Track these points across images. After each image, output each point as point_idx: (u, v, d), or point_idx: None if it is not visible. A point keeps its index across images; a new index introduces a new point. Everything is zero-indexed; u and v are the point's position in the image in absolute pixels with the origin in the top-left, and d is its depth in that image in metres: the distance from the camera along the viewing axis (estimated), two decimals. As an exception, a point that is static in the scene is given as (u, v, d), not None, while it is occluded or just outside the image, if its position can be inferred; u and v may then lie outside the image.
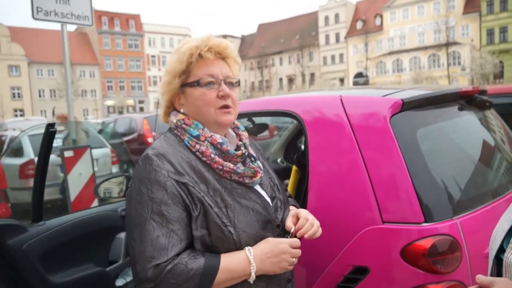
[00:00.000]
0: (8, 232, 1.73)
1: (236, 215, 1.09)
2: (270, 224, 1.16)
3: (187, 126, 1.15)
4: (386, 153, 1.45)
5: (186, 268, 1.01)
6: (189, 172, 1.09)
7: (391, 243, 1.38)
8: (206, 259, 1.04)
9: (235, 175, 1.14)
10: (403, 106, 1.51)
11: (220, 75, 1.16)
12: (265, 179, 1.25)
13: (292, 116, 1.81)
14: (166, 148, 1.11)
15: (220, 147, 1.14)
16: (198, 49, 1.14)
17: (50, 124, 1.74)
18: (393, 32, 50.54)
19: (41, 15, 4.62)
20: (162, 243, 1.01)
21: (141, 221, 1.03)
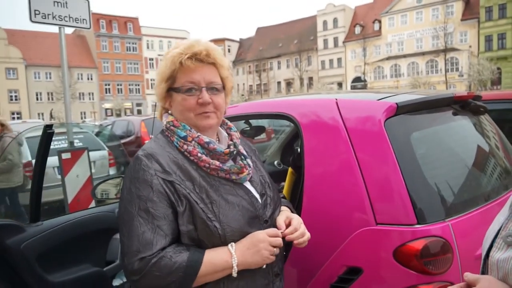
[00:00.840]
0: (6, 231, 1.75)
1: (221, 210, 1.14)
2: (257, 219, 1.20)
3: (175, 128, 1.22)
4: (380, 156, 1.47)
5: (170, 262, 1.06)
6: (176, 171, 1.15)
7: (384, 244, 1.40)
8: (190, 253, 1.09)
9: (222, 172, 1.19)
10: (397, 110, 1.53)
11: (202, 82, 1.21)
12: (255, 176, 1.30)
13: (288, 118, 1.83)
14: (155, 149, 1.18)
15: (207, 146, 1.20)
16: (180, 56, 1.19)
17: (48, 126, 1.76)
18: (391, 37, 50.79)
19: (39, 18, 4.63)
20: (147, 238, 1.07)
21: (129, 218, 1.10)
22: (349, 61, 54.66)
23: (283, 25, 67.35)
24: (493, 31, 42.00)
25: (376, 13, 52.92)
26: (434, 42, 46.09)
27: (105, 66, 59.63)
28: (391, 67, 50.28)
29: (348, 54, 54.80)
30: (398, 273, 1.36)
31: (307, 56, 58.39)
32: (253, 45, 69.87)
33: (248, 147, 1.40)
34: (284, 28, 65.98)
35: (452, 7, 45.06)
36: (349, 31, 55.51)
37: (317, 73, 58.34)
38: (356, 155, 1.51)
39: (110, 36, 59.94)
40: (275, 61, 64.29)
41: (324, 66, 58.18)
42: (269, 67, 64.36)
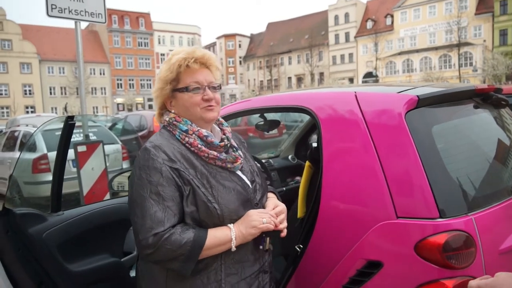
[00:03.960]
0: (29, 220, 1.78)
1: (219, 194, 1.31)
2: (249, 202, 1.39)
3: (177, 122, 1.39)
4: (401, 149, 1.46)
5: (179, 237, 1.23)
6: (180, 160, 1.32)
7: (405, 238, 1.39)
8: (196, 230, 1.27)
9: (219, 161, 1.37)
10: (418, 102, 1.52)
11: (205, 81, 1.41)
12: (245, 166, 1.48)
13: (306, 112, 1.82)
14: (161, 141, 1.35)
15: (205, 139, 1.37)
16: (185, 60, 1.38)
17: (70, 117, 1.78)
18: (404, 32, 50.13)
19: (56, 12, 4.68)
20: (159, 216, 1.24)
21: (141, 200, 1.26)
22: (360, 56, 54.15)
23: (294, 20, 66.94)
24: (508, 25, 41.14)
25: (388, 8, 52.24)
26: (447, 37, 45.36)
27: (117, 61, 60.00)
28: (403, 62, 49.65)
29: (359, 49, 54.27)
30: (419, 267, 1.35)
31: (318, 51, 57.97)
32: (264, 40, 69.62)
33: (238, 141, 1.58)
34: (295, 23, 65.59)
35: (465, 1, 44.20)
36: (360, 26, 54.94)
37: (328, 68, 57.94)
38: (376, 148, 1.50)
39: (122, 32, 60.24)
40: (286, 56, 63.99)
41: (335, 61, 57.73)
42: (280, 63, 64.07)
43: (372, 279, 1.44)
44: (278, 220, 1.38)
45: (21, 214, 1.82)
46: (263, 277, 1.43)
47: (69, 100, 46.46)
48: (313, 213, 1.64)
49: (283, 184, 3.23)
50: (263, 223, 1.32)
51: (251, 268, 1.38)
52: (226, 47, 72.55)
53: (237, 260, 1.35)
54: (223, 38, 72.75)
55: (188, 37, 68.31)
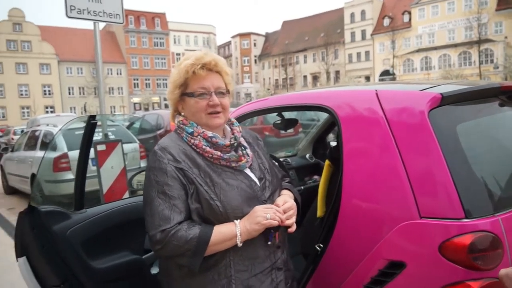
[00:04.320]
0: (54, 218, 1.81)
1: (222, 192, 1.35)
2: (256, 199, 1.41)
3: (184, 125, 1.45)
4: (424, 148, 1.43)
5: (185, 233, 1.28)
6: (185, 160, 1.37)
7: (429, 238, 1.36)
8: (202, 226, 1.32)
9: (223, 160, 1.41)
10: (442, 100, 1.48)
11: (211, 87, 1.44)
12: (255, 164, 1.51)
13: (325, 110, 1.81)
14: (168, 143, 1.41)
15: (211, 140, 1.42)
16: (193, 67, 1.41)
17: (92, 116, 1.81)
18: (422, 29, 49.34)
19: (74, 13, 4.75)
20: (166, 214, 1.30)
21: (150, 200, 1.33)
22: (377, 54, 53.54)
23: (309, 18, 66.62)
24: (530, 22, 40.16)
25: (405, 4, 51.50)
26: (467, 33, 44.49)
27: (133, 61, 60.74)
28: (421, 60, 48.90)
29: (376, 47, 53.66)
30: (444, 268, 1.32)
31: (334, 50, 57.55)
32: (279, 39, 69.46)
33: (252, 138, 1.62)
34: (310, 21, 65.25)
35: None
36: (377, 23, 54.31)
37: (344, 66, 57.48)
38: (398, 147, 1.47)
39: (138, 32, 60.94)
40: (301, 55, 63.73)
41: (351, 59, 57.23)
42: (295, 61, 63.85)
43: (395, 280, 1.42)
44: (285, 216, 1.38)
45: (46, 212, 1.86)
46: (277, 274, 1.43)
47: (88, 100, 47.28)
48: (333, 212, 1.62)
49: (301, 183, 3.22)
50: (266, 218, 1.33)
51: (261, 265, 1.39)
52: (241, 46, 72.68)
53: (246, 256, 1.37)
54: (238, 37, 72.86)
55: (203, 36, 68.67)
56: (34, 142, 8.29)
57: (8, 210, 7.80)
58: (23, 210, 1.87)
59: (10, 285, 3.68)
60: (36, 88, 53.68)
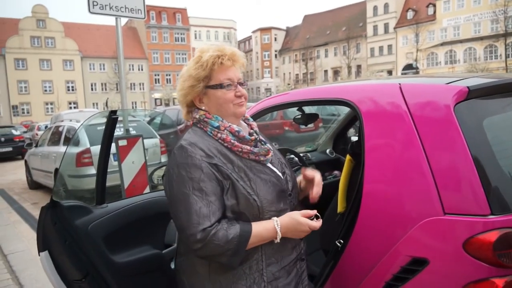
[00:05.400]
0: (76, 213, 1.84)
1: (257, 186, 1.35)
2: (284, 193, 1.43)
3: (208, 119, 1.42)
4: (449, 143, 1.39)
5: (226, 233, 1.26)
6: (217, 155, 1.35)
7: (453, 235, 1.33)
8: (241, 226, 1.30)
9: (252, 154, 1.40)
10: (468, 94, 1.44)
11: (235, 78, 1.44)
12: (274, 159, 1.52)
13: (346, 104, 1.78)
14: (195, 138, 1.37)
15: (237, 134, 1.41)
16: (219, 58, 1.41)
17: (113, 111, 1.83)
18: (447, 22, 48.09)
19: (97, 8, 4.82)
20: (204, 212, 1.26)
21: (185, 197, 1.28)
22: (400, 48, 52.52)
23: (331, 12, 65.87)
24: (560, 13, 38.60)
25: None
26: (493, 26, 43.15)
27: (154, 57, 61.43)
28: (445, 53, 47.72)
29: (399, 40, 52.64)
30: (468, 265, 1.29)
31: (356, 44, 56.81)
32: (300, 33, 68.99)
33: (263, 135, 1.60)
34: (332, 15, 64.52)
35: (514, -11, 41.82)
36: (400, 16, 53.23)
37: (366, 60, 56.65)
38: (422, 142, 1.44)
39: (160, 27, 61.52)
40: (322, 49, 63.14)
41: (373, 53, 56.34)
42: (316, 56, 63.32)
43: (417, 276, 1.39)
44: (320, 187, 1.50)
45: (68, 207, 1.89)
46: (301, 265, 1.49)
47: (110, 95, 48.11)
48: (354, 208, 1.60)
49: (321, 178, 3.19)
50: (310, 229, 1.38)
51: (289, 257, 1.44)
52: (261, 41, 72.54)
53: (276, 249, 1.39)
54: (258, 32, 72.75)
55: (224, 31, 68.82)
56: (58, 138, 8.48)
57: (32, 205, 8.02)
58: (45, 204, 1.91)
59: (33, 278, 3.79)
60: (59, 84, 54.92)
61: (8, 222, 6.29)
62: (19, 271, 3.99)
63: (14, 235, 5.42)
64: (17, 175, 12.04)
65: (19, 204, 8.16)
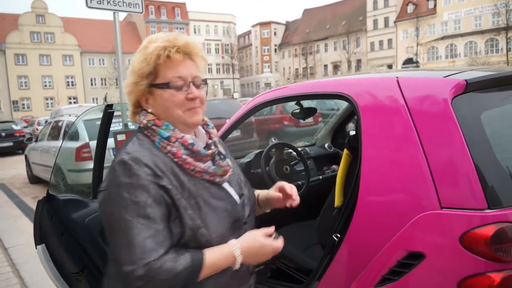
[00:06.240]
0: (72, 206, 1.84)
1: (208, 217, 1.13)
2: (238, 222, 1.23)
3: (157, 127, 1.16)
4: (447, 137, 1.38)
5: (174, 264, 1.05)
6: (167, 174, 1.10)
7: (449, 229, 1.32)
8: (192, 255, 1.09)
9: (206, 174, 1.17)
10: (466, 87, 1.43)
11: (189, 76, 1.16)
12: (232, 176, 1.29)
13: (344, 98, 1.77)
14: (141, 152, 1.11)
15: (191, 148, 1.16)
16: (166, 50, 1.13)
17: (109, 105, 1.82)
18: (447, 15, 47.89)
19: (94, 3, 4.81)
20: (149, 245, 1.04)
21: (127, 225, 1.04)
22: (400, 42, 52.35)
23: (331, 6, 65.61)
24: (562, 6, 38.45)
25: (430, -10, 50.04)
26: (494, 20, 42.97)
27: (154, 52, 61.19)
28: (446, 47, 47.57)
29: (399, 34, 52.46)
30: (465, 259, 1.29)
31: (356, 38, 56.63)
32: (299, 27, 68.78)
33: (222, 144, 1.36)
34: (331, 9, 64.28)
35: (515, -19, 41.64)
36: (401, 10, 53.02)
37: (366, 55, 56.50)
38: (419, 136, 1.43)
39: (159, 22, 61.35)
40: (322, 43, 62.96)
41: (373, 47, 56.17)
42: (316, 50, 63.17)
43: (414, 270, 1.39)
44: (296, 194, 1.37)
45: (65, 200, 1.89)
46: None
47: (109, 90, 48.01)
48: (351, 202, 1.60)
49: (319, 172, 3.19)
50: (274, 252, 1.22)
51: None
52: (261, 35, 72.33)
53: (219, 285, 1.19)
54: (258, 26, 72.51)
55: (223, 26, 68.60)
56: (58, 132, 8.50)
57: (32, 199, 8.06)
58: (41, 198, 1.91)
59: (33, 272, 3.80)
60: (59, 79, 54.89)
61: (8, 216, 6.31)
62: (20, 264, 4.01)
63: (14, 229, 5.44)
64: (18, 170, 12.08)
65: (19, 198, 8.20)
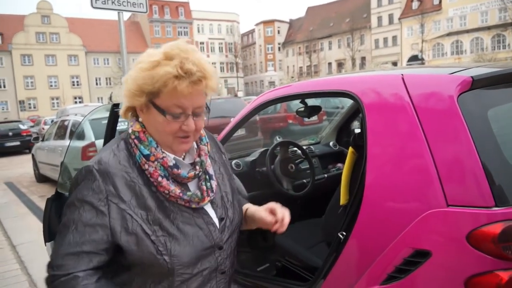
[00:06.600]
0: None
1: (173, 246, 1.07)
2: (211, 249, 1.15)
3: (139, 142, 1.11)
4: (453, 134, 1.38)
5: (77, 285, 1.02)
6: (131, 198, 1.06)
7: (456, 227, 1.32)
8: (97, 285, 1.04)
9: (181, 200, 1.12)
10: (472, 84, 1.42)
11: (190, 108, 1.08)
12: (217, 197, 1.22)
13: (349, 96, 1.76)
14: (112, 167, 1.07)
15: (170, 171, 1.11)
16: (176, 80, 1.02)
17: (115, 105, 1.83)
18: (453, 11, 47.54)
19: (99, 3, 4.83)
20: (70, 259, 1.03)
21: (65, 232, 1.05)
22: (405, 39, 52.08)
23: (334, 4, 65.38)
24: None
25: (435, -14, 49.73)
26: (501, 15, 42.61)
27: (158, 51, 61.37)
28: (452, 44, 47.25)
29: (404, 31, 52.17)
30: (471, 257, 1.28)
31: (360, 35, 56.39)
32: (303, 25, 68.61)
33: (215, 148, 1.33)
34: (335, 7, 64.06)
35: (522, -24, 41.24)
36: (405, 7, 52.72)
37: (371, 52, 56.28)
38: (424, 134, 1.43)
39: (163, 21, 61.47)
40: (326, 41, 62.78)
41: (378, 45, 55.93)
42: (320, 48, 63.01)
43: (420, 268, 1.38)
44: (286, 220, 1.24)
45: None
46: None
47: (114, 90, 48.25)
48: (357, 200, 1.59)
49: (324, 171, 3.19)
50: None
51: None
52: (265, 34, 72.23)
53: None
54: (261, 25, 72.42)
55: (226, 24, 68.59)
56: (64, 132, 8.55)
57: (39, 198, 8.14)
58: (50, 196, 1.93)
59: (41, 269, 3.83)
60: (65, 79, 55.23)
61: (17, 214, 6.37)
62: (28, 262, 4.04)
63: (22, 227, 5.49)
64: (25, 169, 12.20)
65: (27, 197, 8.29)
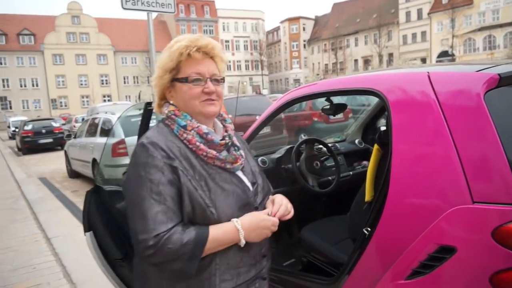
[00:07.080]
0: (117, 197, 1.97)
1: (217, 197, 1.25)
2: (249, 206, 1.32)
3: (176, 117, 1.30)
4: (479, 131, 1.38)
5: (180, 236, 1.17)
6: (179, 157, 1.24)
7: (481, 223, 1.33)
8: (197, 229, 1.20)
9: (218, 161, 1.30)
10: (500, 81, 1.42)
11: (207, 73, 1.31)
12: (247, 167, 1.42)
13: (374, 94, 1.78)
14: (158, 137, 1.26)
15: (205, 137, 1.29)
16: (187, 48, 1.28)
17: (148, 103, 1.91)
18: (485, 5, 45.95)
19: (129, 4, 4.97)
20: (160, 218, 1.17)
21: (141, 199, 1.19)
22: (434, 34, 50.73)
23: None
24: None
25: (466, -20, 48.18)
26: (536, 9, 40.95)
27: (184, 50, 62.10)
28: (484, 39, 45.70)
29: (433, 26, 50.82)
30: (497, 253, 1.29)
31: (387, 31, 55.32)
32: (329, 22, 67.87)
33: (240, 140, 1.51)
34: (362, 2, 62.99)
35: (560, -33, 39.49)
36: (435, 1, 51.33)
37: (398, 48, 55.12)
38: (450, 131, 1.44)
39: (189, 20, 62.13)
40: (352, 37, 61.90)
41: (406, 41, 54.72)
42: (346, 45, 62.20)
43: (445, 264, 1.40)
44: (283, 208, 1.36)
45: (110, 191, 2.01)
46: (260, 284, 1.39)
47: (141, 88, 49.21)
48: (382, 196, 1.62)
49: (349, 168, 3.20)
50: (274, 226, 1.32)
51: (247, 274, 1.33)
52: (290, 31, 71.90)
53: (232, 265, 1.29)
54: (286, 22, 72.11)
55: (251, 22, 68.65)
56: (94, 129, 8.83)
57: (72, 193, 8.45)
58: (89, 189, 2.04)
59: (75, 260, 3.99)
60: (94, 78, 56.73)
61: (51, 208, 6.62)
62: (62, 254, 4.21)
63: (56, 220, 5.71)
64: (57, 165, 12.63)
65: (60, 192, 8.61)
